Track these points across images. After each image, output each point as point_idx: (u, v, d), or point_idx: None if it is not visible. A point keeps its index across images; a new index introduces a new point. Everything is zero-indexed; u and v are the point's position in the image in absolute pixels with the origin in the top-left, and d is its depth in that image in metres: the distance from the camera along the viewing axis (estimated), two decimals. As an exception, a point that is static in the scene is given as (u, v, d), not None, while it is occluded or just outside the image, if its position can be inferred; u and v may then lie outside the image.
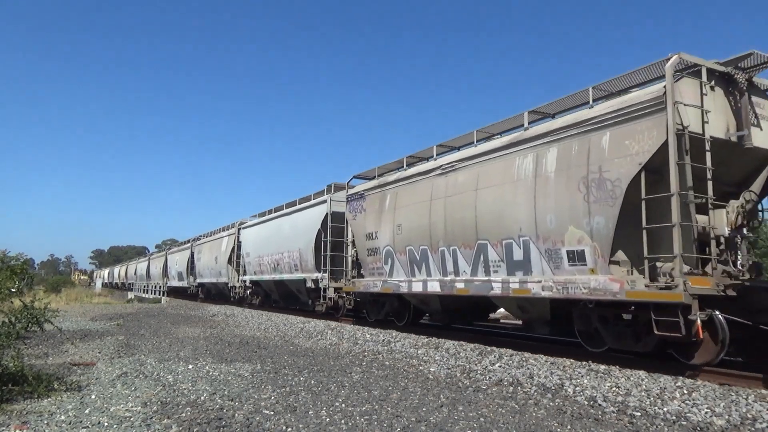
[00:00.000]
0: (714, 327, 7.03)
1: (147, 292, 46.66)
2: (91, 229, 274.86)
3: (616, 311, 8.17)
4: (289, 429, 4.97)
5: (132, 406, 5.79)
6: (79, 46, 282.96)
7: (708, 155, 7.38)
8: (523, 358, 8.54)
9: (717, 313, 7.05)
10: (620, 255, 8.06)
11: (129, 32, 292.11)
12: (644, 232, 7.44)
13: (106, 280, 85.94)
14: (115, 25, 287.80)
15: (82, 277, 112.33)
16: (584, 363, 8.00)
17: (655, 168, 7.50)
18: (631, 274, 7.92)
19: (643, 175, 7.50)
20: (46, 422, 5.11)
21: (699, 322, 6.89)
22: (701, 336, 6.98)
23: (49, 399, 6.04)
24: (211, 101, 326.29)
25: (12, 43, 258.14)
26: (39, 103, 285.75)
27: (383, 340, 11.34)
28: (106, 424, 5.08)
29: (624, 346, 8.17)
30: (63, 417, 5.29)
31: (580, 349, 8.93)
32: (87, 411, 5.54)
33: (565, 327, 9.62)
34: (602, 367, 7.65)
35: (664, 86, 7.37)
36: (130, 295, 47.97)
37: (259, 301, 24.12)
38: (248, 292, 24.85)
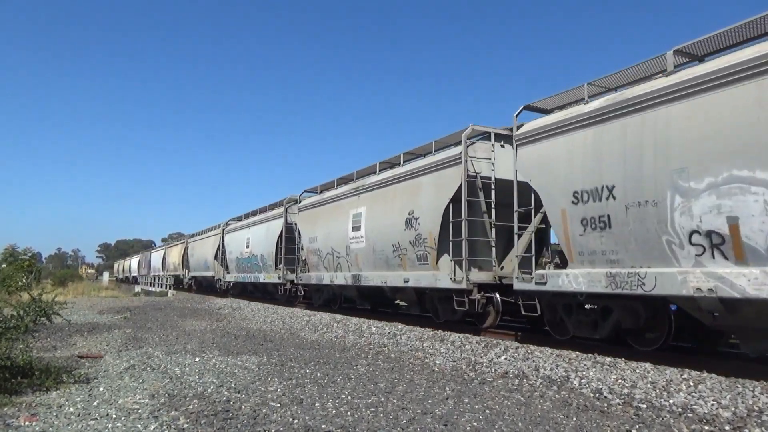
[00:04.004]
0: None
1: (154, 286, 46.85)
2: (97, 223, 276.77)
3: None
4: (296, 421, 5.00)
5: (140, 399, 5.83)
6: (81, 41, 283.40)
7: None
8: (529, 351, 8.54)
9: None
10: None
11: (130, 27, 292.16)
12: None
13: (135, 273, 66.30)
14: (119, 20, 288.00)
15: (89, 271, 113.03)
16: (590, 355, 8.00)
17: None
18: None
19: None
20: (55, 414, 5.16)
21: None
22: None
23: (58, 391, 6.09)
24: (214, 95, 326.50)
25: (13, 39, 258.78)
26: (43, 99, 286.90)
27: (389, 333, 11.36)
28: (114, 416, 5.13)
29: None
30: (72, 409, 5.34)
31: (586, 341, 8.95)
32: (95, 403, 5.59)
33: None
34: (608, 359, 7.64)
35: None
36: (137, 288, 48.28)
37: (323, 300, 18.31)
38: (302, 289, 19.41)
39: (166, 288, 41.02)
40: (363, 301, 16.59)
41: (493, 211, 10.96)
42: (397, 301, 16.05)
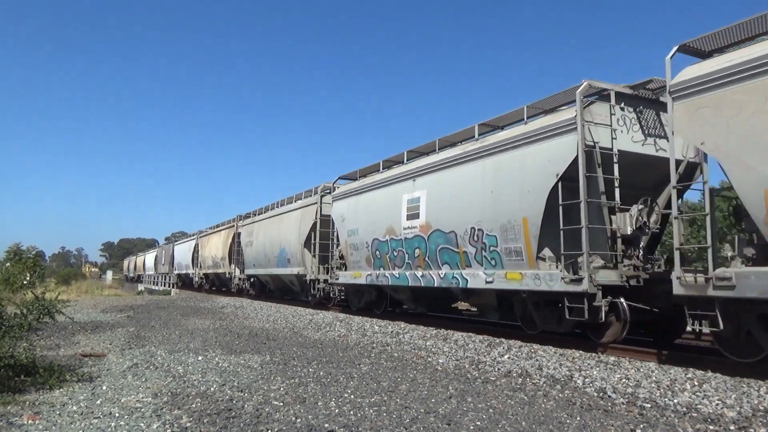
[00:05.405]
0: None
1: (157, 285, 46.97)
2: (100, 222, 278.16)
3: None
4: (299, 420, 4.99)
5: (143, 397, 5.83)
6: (84, 39, 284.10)
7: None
8: (532, 350, 8.52)
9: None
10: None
11: (129, 25, 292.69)
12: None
13: (151, 271, 53.48)
14: (120, 19, 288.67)
15: (93, 270, 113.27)
16: (593, 354, 7.98)
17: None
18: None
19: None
20: (58, 413, 5.16)
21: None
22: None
23: (61, 390, 6.10)
24: (215, 95, 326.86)
25: (16, 38, 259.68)
26: (46, 98, 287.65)
27: (392, 332, 11.35)
28: (117, 414, 5.13)
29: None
30: (75, 407, 5.35)
31: (585, 341, 8.92)
32: (98, 402, 5.60)
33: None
34: (612, 358, 7.63)
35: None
36: (140, 287, 48.42)
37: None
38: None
39: (169, 287, 40.89)
40: None
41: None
42: None
